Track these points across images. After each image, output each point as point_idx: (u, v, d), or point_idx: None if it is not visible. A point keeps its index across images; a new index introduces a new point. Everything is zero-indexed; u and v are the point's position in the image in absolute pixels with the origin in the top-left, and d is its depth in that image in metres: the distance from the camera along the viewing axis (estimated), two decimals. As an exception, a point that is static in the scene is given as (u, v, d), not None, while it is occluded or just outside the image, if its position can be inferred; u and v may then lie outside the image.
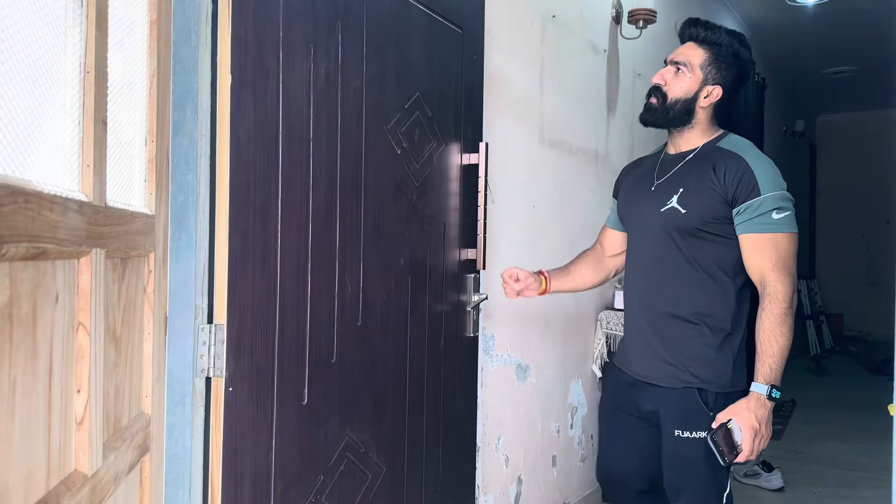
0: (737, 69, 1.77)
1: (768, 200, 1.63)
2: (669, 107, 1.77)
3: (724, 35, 1.75)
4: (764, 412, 1.61)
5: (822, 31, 5.57)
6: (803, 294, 7.79)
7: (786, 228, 1.64)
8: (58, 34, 0.80)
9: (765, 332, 1.62)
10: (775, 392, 1.62)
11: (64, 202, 0.78)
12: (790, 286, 1.63)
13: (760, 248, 1.65)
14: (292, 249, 1.44)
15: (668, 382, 1.74)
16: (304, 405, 1.46)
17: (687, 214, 1.71)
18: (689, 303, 1.73)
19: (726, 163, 1.68)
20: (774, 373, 1.61)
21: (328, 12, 1.52)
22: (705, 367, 1.71)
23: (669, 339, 1.75)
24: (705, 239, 1.71)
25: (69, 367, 0.85)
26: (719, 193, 1.67)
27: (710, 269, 1.72)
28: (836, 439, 4.43)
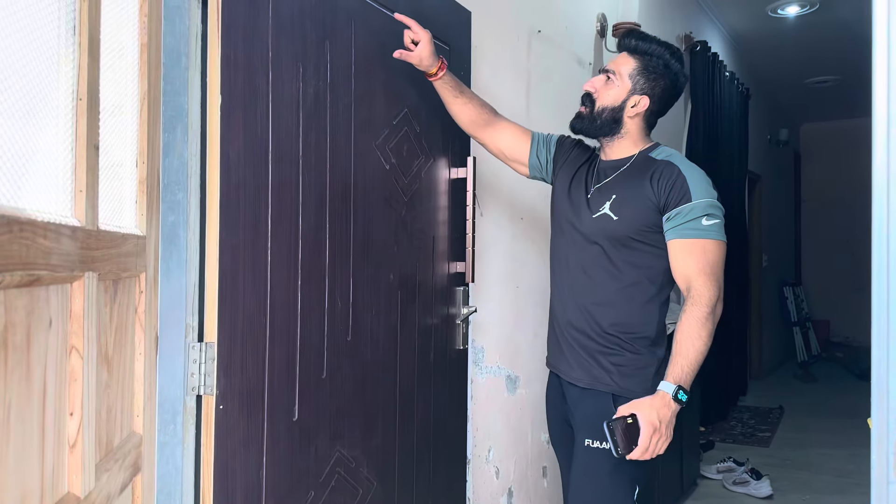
0: (666, 80, 1.73)
1: (699, 207, 1.61)
2: (597, 115, 1.75)
3: (656, 46, 1.72)
4: (667, 412, 1.54)
5: (804, 42, 5.65)
6: (790, 301, 7.86)
7: (715, 236, 1.62)
8: (51, 63, 0.82)
9: (682, 334, 1.57)
10: (682, 394, 1.55)
11: (57, 228, 0.79)
12: (715, 292, 1.59)
13: (688, 252, 1.61)
14: (282, 266, 1.45)
15: (587, 383, 1.71)
16: (294, 421, 1.47)
17: (619, 222, 1.68)
18: (613, 313, 1.70)
19: (661, 171, 1.66)
20: (685, 375, 1.55)
21: (317, 32, 1.54)
22: (625, 376, 1.67)
23: (591, 346, 1.71)
24: (635, 248, 1.68)
25: (62, 390, 0.86)
26: (652, 201, 1.65)
27: (637, 278, 1.69)
28: (824, 446, 4.47)
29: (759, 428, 5.03)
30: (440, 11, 2.00)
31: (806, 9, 4.99)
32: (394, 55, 1.75)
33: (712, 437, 4.59)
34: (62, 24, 0.83)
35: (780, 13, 5.10)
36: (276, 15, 1.43)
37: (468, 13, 2.15)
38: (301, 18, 1.50)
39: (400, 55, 1.76)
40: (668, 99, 1.76)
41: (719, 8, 5.12)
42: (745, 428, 5.03)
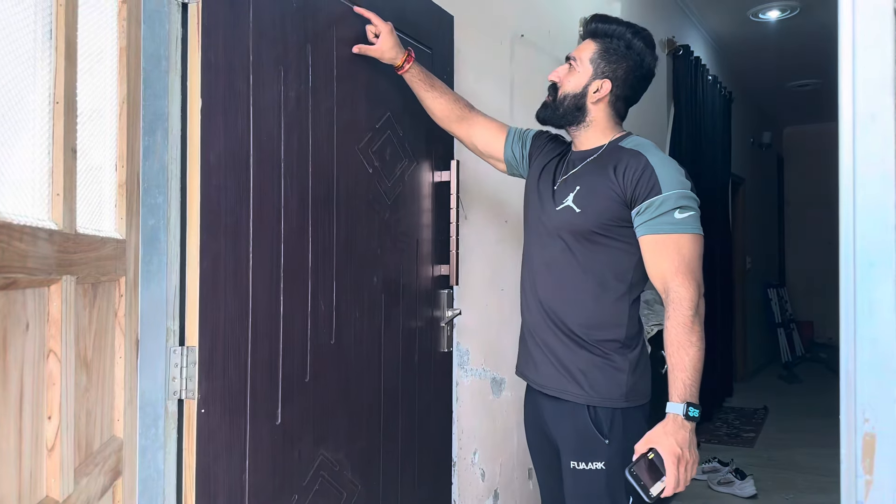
0: (629, 62, 1.61)
1: (670, 199, 1.48)
2: (559, 103, 1.65)
3: (616, 26, 1.63)
4: (685, 434, 1.42)
5: (785, 46, 5.71)
6: (774, 302, 7.93)
7: (690, 229, 1.49)
8: (27, 66, 0.82)
9: (672, 345, 1.45)
10: (693, 410, 1.42)
11: (34, 232, 0.79)
12: (695, 291, 1.46)
13: (662, 250, 1.49)
14: (264, 270, 1.45)
15: (557, 390, 1.61)
16: (277, 425, 1.47)
17: (581, 214, 1.57)
18: (578, 312, 1.59)
19: (627, 161, 1.54)
20: (689, 389, 1.43)
21: (298, 36, 1.55)
22: (596, 383, 1.56)
23: (558, 349, 1.61)
24: (600, 244, 1.57)
25: (40, 394, 0.85)
26: (617, 193, 1.53)
27: (603, 277, 1.57)
28: (808, 445, 4.51)
29: (743, 428, 5.06)
30: (422, 15, 2.01)
31: (787, 13, 5.05)
32: (353, 50, 1.71)
33: (697, 438, 4.61)
34: (38, 28, 0.83)
35: (761, 17, 5.16)
36: (257, 19, 1.44)
37: (450, 17, 2.16)
38: (282, 22, 1.50)
39: (359, 49, 1.72)
40: (634, 82, 1.64)
41: (701, 12, 5.17)
42: (730, 428, 5.07)
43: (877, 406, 0.75)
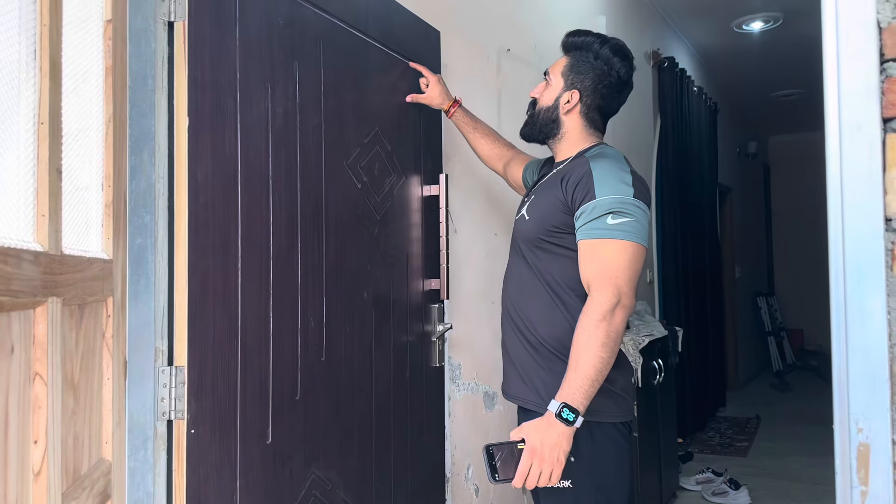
0: (596, 71, 1.63)
1: (602, 204, 1.47)
2: (535, 118, 1.71)
3: (585, 38, 1.65)
4: (552, 434, 1.37)
5: (769, 56, 5.78)
6: (763, 311, 7.96)
7: (620, 235, 1.45)
8: (11, 87, 0.81)
9: (574, 345, 1.41)
10: (567, 412, 1.36)
11: (18, 254, 0.78)
12: (609, 297, 1.41)
13: (589, 253, 1.48)
14: (253, 287, 1.44)
15: (524, 402, 1.60)
16: (268, 444, 1.46)
17: (530, 222, 1.61)
18: (536, 320, 1.59)
19: (572, 169, 1.57)
20: (574, 391, 1.37)
21: (285, 52, 1.55)
22: (553, 392, 1.46)
23: (521, 357, 1.62)
24: (550, 251, 1.57)
25: (25, 418, 0.84)
26: (560, 200, 1.55)
27: (557, 285, 1.57)
28: (801, 454, 4.51)
29: (736, 438, 5.06)
30: (409, 31, 2.02)
31: (770, 24, 5.11)
32: (406, 99, 1.95)
33: (690, 449, 4.61)
34: (22, 49, 0.82)
35: (744, 28, 5.21)
36: (244, 36, 1.44)
37: (437, 33, 2.17)
38: (269, 39, 1.50)
39: (413, 98, 1.97)
40: (604, 90, 1.64)
41: (685, 24, 5.22)
42: (723, 438, 5.07)
43: (870, 416, 0.75)
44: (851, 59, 0.70)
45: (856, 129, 0.69)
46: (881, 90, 0.74)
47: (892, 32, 0.72)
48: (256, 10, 1.47)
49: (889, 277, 0.76)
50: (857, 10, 0.69)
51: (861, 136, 0.70)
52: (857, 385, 0.76)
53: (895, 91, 0.72)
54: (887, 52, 0.75)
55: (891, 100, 0.73)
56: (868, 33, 0.69)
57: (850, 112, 0.71)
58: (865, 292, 0.74)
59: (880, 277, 0.75)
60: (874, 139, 0.75)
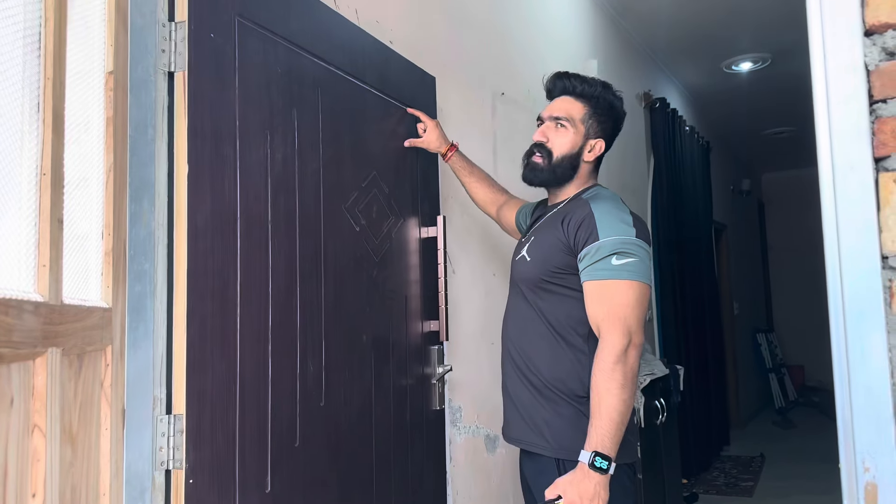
0: (613, 121, 1.72)
1: (606, 245, 1.49)
2: (556, 165, 1.69)
3: (599, 87, 1.70)
4: (588, 485, 1.37)
5: (759, 95, 5.87)
6: (763, 348, 7.93)
7: (626, 275, 1.48)
8: (14, 139, 0.82)
9: (592, 391, 1.43)
10: (600, 461, 1.38)
11: (19, 304, 0.78)
12: (621, 338, 1.44)
13: (597, 295, 1.50)
14: (252, 333, 1.43)
15: (527, 445, 1.60)
16: (267, 493, 1.43)
17: (531, 263, 1.62)
18: (539, 361, 1.59)
19: (573, 210, 1.59)
20: (602, 438, 1.39)
21: (284, 100, 1.57)
22: (560, 435, 1.53)
23: (524, 399, 1.61)
24: (553, 292, 1.59)
25: (24, 470, 0.83)
26: (562, 241, 1.57)
27: (561, 326, 1.57)
28: (806, 492, 4.44)
29: (741, 477, 4.99)
30: (405, 77, 2.06)
31: (759, 64, 5.20)
32: (405, 144, 1.98)
33: (696, 489, 4.54)
34: (25, 102, 0.84)
35: (734, 69, 5.31)
36: (243, 84, 1.46)
37: (432, 78, 2.21)
38: (267, 87, 1.53)
39: (410, 143, 2.00)
40: (614, 138, 1.76)
41: (675, 66, 5.32)
42: (728, 478, 4.99)
43: (876, 454, 0.75)
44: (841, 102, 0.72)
45: (848, 170, 0.71)
46: (872, 131, 0.75)
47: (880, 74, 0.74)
48: (255, 60, 1.50)
49: (888, 315, 0.76)
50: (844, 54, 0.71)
51: (854, 176, 0.71)
52: (862, 424, 0.75)
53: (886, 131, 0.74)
54: (876, 94, 0.76)
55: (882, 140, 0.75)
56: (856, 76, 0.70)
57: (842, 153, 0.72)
58: (865, 330, 0.75)
59: (879, 315, 0.75)
60: (867, 179, 0.76)
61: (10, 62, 0.80)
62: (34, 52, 0.85)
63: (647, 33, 4.63)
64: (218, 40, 1.41)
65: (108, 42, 1.13)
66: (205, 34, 1.38)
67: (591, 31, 3.96)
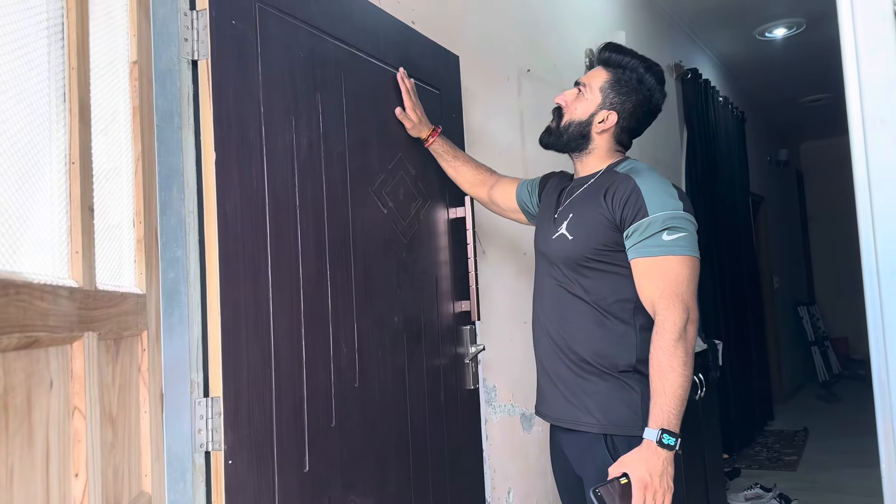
0: (638, 96, 1.61)
1: (656, 221, 1.47)
2: (563, 129, 1.66)
3: (630, 59, 1.63)
4: (657, 462, 1.37)
5: (794, 62, 5.71)
6: (805, 321, 7.77)
7: (679, 251, 1.46)
8: (43, 129, 0.84)
9: (654, 369, 1.43)
10: (667, 437, 1.38)
11: (54, 290, 0.80)
12: (681, 315, 1.44)
13: (649, 272, 1.48)
14: (284, 316, 1.45)
15: (572, 423, 1.58)
16: (305, 472, 1.46)
17: (574, 241, 1.57)
18: (584, 339, 1.56)
19: (616, 185, 1.54)
20: (666, 415, 1.39)
21: (307, 85, 1.58)
22: (607, 410, 1.52)
23: (568, 378, 1.58)
24: (598, 269, 1.55)
25: (66, 451, 0.86)
26: (607, 218, 1.52)
27: (607, 303, 1.55)
28: (852, 466, 4.36)
29: (784, 452, 4.92)
30: (429, 58, 2.05)
31: (793, 30, 5.06)
32: (395, 112, 1.85)
33: (737, 465, 4.49)
34: (52, 92, 0.86)
35: (767, 36, 5.17)
36: (266, 71, 1.47)
37: (456, 58, 2.19)
38: (290, 73, 1.53)
39: (400, 114, 1.85)
40: (641, 116, 1.65)
41: (707, 35, 5.20)
42: (771, 453, 4.93)
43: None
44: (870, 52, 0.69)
45: (879, 123, 0.68)
46: (904, 83, 0.72)
47: (911, 24, 0.71)
48: (277, 45, 1.50)
49: (926, 273, 0.73)
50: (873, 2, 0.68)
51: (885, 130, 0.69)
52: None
53: (918, 83, 0.71)
54: (908, 45, 0.73)
55: (915, 92, 0.72)
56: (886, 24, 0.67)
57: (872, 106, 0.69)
58: (901, 289, 0.72)
59: (917, 274, 0.73)
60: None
61: (35, 52, 0.82)
62: (58, 42, 0.87)
63: (677, 2, 4.53)
64: (239, 27, 1.42)
65: (130, 32, 1.14)
66: (226, 21, 1.39)
67: (619, 2, 3.89)
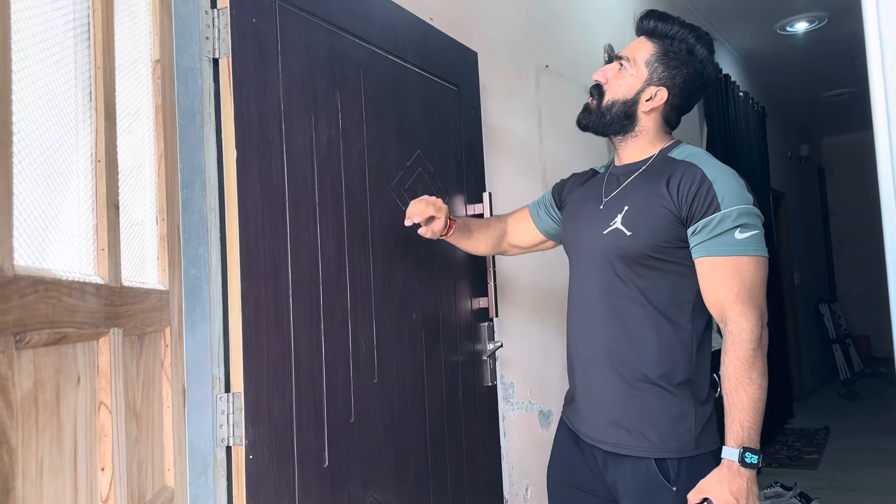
0: (689, 69, 1.44)
1: (729, 216, 1.32)
2: (605, 109, 1.48)
3: (678, 28, 1.45)
4: (741, 483, 1.27)
5: (816, 57, 5.64)
6: (826, 318, 7.68)
7: (752, 251, 1.32)
8: (70, 128, 0.85)
9: (730, 382, 1.32)
10: (750, 456, 1.28)
11: (81, 287, 0.81)
12: (757, 321, 1.31)
13: (720, 274, 1.33)
14: (304, 313, 1.46)
15: (616, 448, 1.41)
16: (325, 468, 1.47)
17: (633, 237, 1.39)
18: (637, 349, 1.40)
19: (681, 174, 1.37)
20: (746, 431, 1.29)
21: (326, 83, 1.58)
22: (661, 429, 1.37)
23: (615, 394, 1.42)
24: (657, 268, 1.39)
25: (93, 445, 0.87)
26: (671, 211, 1.36)
27: (664, 306, 1.40)
28: (874, 465, 4.32)
29: (805, 450, 4.88)
30: (447, 54, 2.05)
31: (815, 24, 5.00)
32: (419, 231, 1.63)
33: (757, 463, 4.46)
34: (79, 92, 0.87)
35: (788, 30, 5.11)
36: (286, 69, 1.48)
37: (474, 54, 2.19)
38: (310, 71, 1.54)
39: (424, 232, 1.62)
40: (691, 91, 1.47)
41: (727, 29, 5.15)
42: (791, 451, 4.89)
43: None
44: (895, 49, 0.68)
45: (905, 122, 0.67)
46: (931, 80, 0.71)
47: (938, 20, 0.70)
48: (297, 44, 1.51)
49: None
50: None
51: (911, 128, 0.68)
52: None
53: (946, 80, 0.70)
54: (935, 41, 0.72)
55: (942, 89, 0.71)
56: (912, 22, 0.67)
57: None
58: (927, 288, 0.72)
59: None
60: (927, 131, 0.72)
61: (63, 52, 0.83)
62: (84, 42, 0.88)
63: (696, -3, 4.49)
64: (260, 25, 1.43)
65: (154, 31, 1.15)
66: (247, 19, 1.40)
67: (636, -1, 3.86)
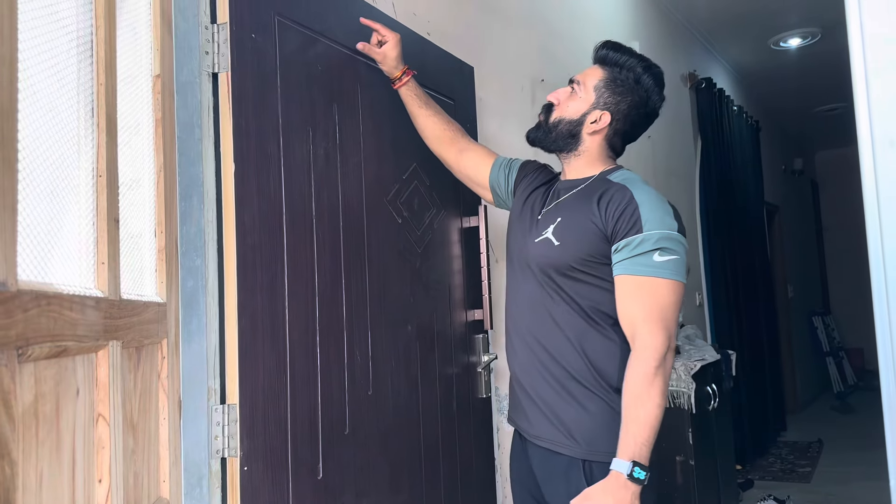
0: (635, 97, 1.51)
1: (650, 239, 1.38)
2: (552, 126, 1.56)
3: (628, 58, 1.52)
4: (625, 496, 1.29)
5: (809, 72, 5.70)
6: (820, 331, 7.71)
7: (668, 275, 1.38)
8: (72, 144, 0.87)
9: (629, 396, 1.34)
10: (638, 471, 1.30)
11: (82, 300, 0.82)
12: (663, 342, 1.35)
13: (635, 292, 1.39)
14: (300, 325, 1.47)
15: (548, 442, 1.46)
16: (319, 480, 1.48)
17: (560, 248, 1.46)
18: (565, 354, 1.46)
19: (611, 194, 1.44)
20: (639, 447, 1.31)
21: (324, 97, 1.60)
22: (588, 434, 1.41)
23: (548, 395, 1.47)
24: (580, 280, 1.45)
25: (91, 457, 0.88)
26: (598, 227, 1.43)
27: (588, 315, 1.46)
28: (867, 479, 4.32)
29: (798, 463, 4.89)
30: (443, 68, 2.07)
31: (808, 40, 5.05)
32: (357, 46, 1.68)
33: (751, 476, 4.47)
34: (81, 107, 0.88)
35: (782, 45, 5.16)
36: (285, 83, 1.50)
37: (471, 68, 2.21)
38: (308, 85, 1.56)
39: (363, 47, 1.69)
40: (636, 119, 1.54)
41: (721, 45, 5.20)
42: (784, 464, 4.90)
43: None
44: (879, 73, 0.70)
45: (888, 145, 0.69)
46: (914, 103, 0.73)
47: (921, 46, 0.72)
48: (296, 58, 1.53)
49: (936, 291, 0.74)
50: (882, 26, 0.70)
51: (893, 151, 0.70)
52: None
53: (928, 104, 0.72)
54: (919, 66, 0.74)
55: (925, 112, 0.73)
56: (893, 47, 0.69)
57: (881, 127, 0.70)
58: (911, 307, 0.73)
59: (927, 291, 0.74)
60: (911, 152, 0.74)
61: (66, 70, 0.85)
62: (87, 59, 0.89)
63: (691, 12, 4.54)
64: (259, 40, 1.44)
65: (154, 46, 1.17)
66: (246, 35, 1.42)
67: (632, 12, 3.91)
